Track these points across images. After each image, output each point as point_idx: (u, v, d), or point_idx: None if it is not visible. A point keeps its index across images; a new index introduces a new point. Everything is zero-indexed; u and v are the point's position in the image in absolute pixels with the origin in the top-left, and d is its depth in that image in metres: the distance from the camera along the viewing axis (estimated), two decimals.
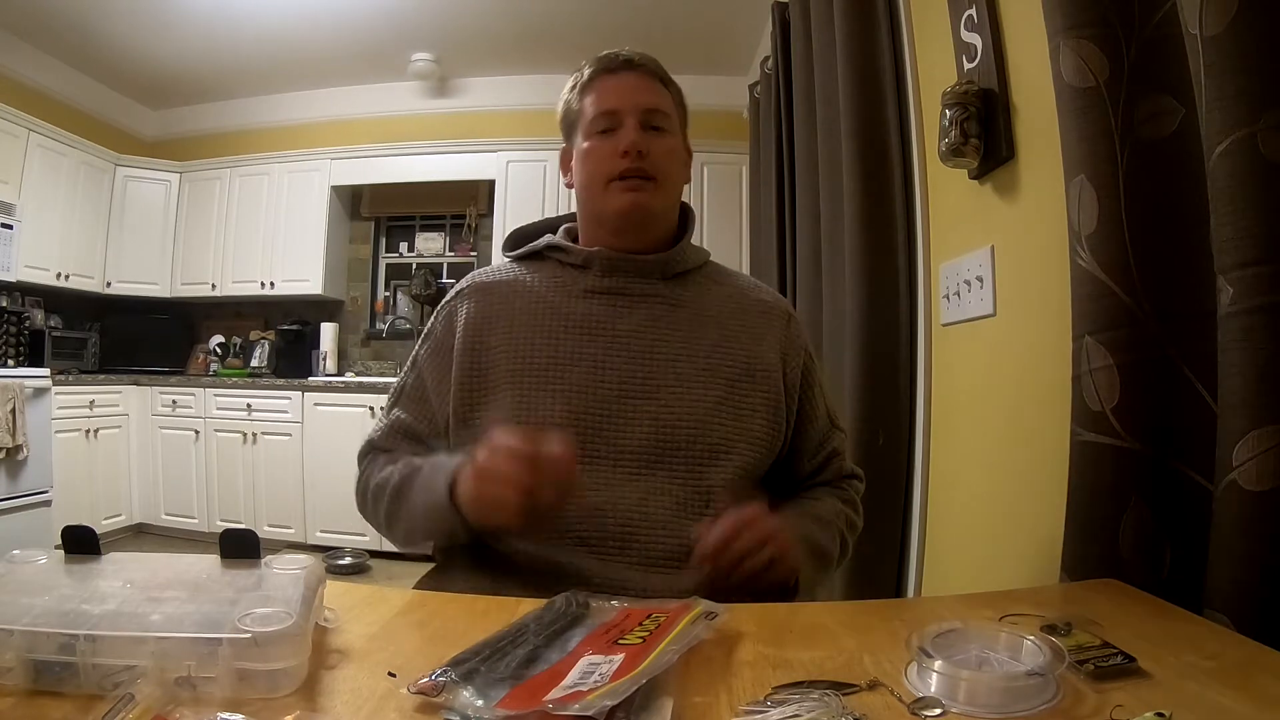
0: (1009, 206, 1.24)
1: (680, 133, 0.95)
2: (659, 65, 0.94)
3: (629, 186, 0.87)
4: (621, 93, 0.90)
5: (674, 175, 0.92)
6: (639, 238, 0.91)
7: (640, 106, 0.89)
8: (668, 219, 0.94)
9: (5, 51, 3.60)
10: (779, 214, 2.56)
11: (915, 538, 1.55)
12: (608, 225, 0.91)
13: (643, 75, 0.92)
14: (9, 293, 3.64)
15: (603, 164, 0.88)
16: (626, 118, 0.88)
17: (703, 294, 0.93)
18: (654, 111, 0.90)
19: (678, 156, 0.94)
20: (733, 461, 0.84)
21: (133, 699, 0.42)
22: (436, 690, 0.45)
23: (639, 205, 0.88)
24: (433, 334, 0.94)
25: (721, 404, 0.85)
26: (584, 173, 0.91)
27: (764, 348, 0.91)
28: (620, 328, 0.87)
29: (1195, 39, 0.68)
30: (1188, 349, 0.78)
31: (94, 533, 0.59)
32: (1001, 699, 0.45)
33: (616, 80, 0.91)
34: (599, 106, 0.90)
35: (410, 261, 4.44)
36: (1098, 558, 0.80)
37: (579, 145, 0.92)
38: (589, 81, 0.92)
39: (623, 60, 0.92)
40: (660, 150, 0.89)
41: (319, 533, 3.65)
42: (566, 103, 0.95)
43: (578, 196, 0.94)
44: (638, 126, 0.88)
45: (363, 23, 3.57)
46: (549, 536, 0.80)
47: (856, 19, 1.73)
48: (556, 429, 0.81)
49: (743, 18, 3.33)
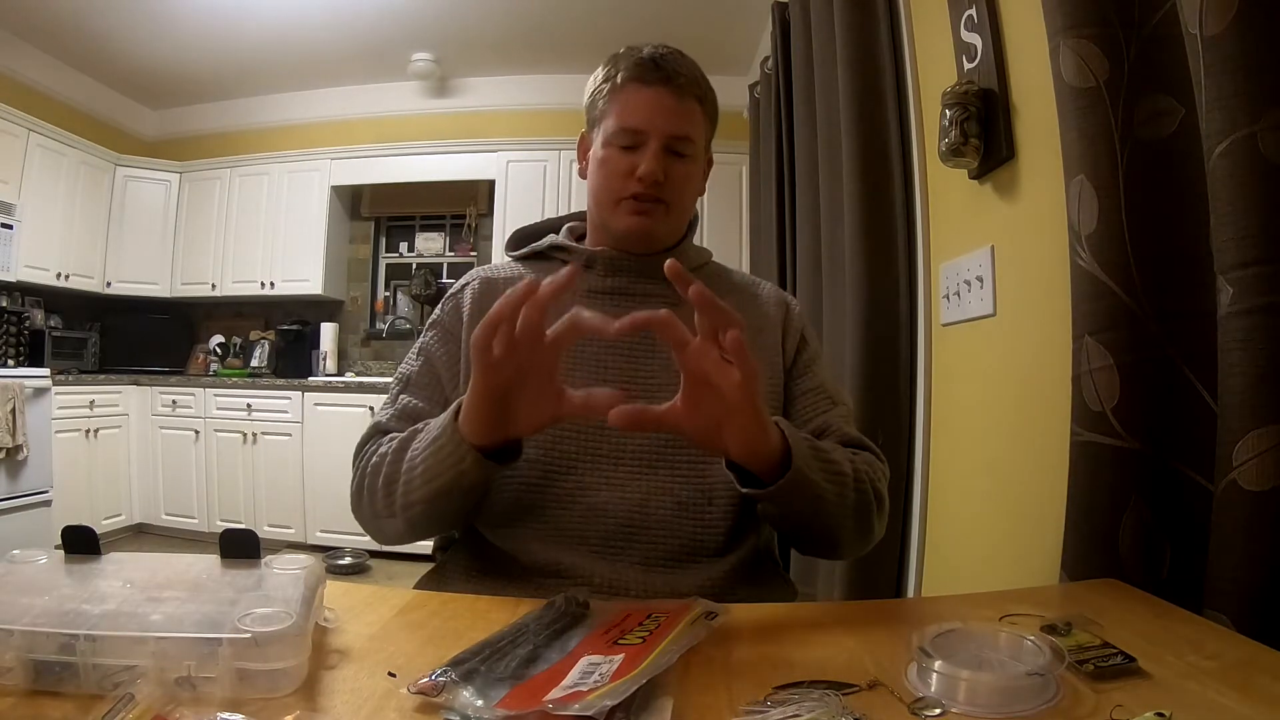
0: (1009, 206, 1.24)
1: (704, 154, 0.92)
2: (696, 77, 0.88)
3: (638, 210, 0.86)
4: (652, 112, 0.84)
5: (686, 200, 0.90)
6: (642, 251, 0.91)
7: (668, 131, 0.84)
8: (673, 235, 0.93)
9: (5, 51, 3.60)
10: (779, 214, 2.56)
11: (915, 538, 1.55)
12: (611, 237, 0.90)
13: (678, 95, 0.85)
14: (9, 293, 3.64)
15: (615, 179, 0.86)
16: (651, 139, 0.84)
17: None
18: (680, 139, 0.86)
19: (695, 181, 0.91)
20: None
21: (133, 699, 0.42)
22: (436, 690, 0.45)
23: (643, 229, 0.87)
24: (440, 322, 0.93)
25: None
26: (596, 180, 0.89)
27: (764, 336, 0.91)
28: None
29: (1195, 39, 0.68)
30: (1188, 349, 0.78)
31: (94, 533, 0.59)
32: (1001, 699, 0.45)
33: (649, 95, 0.85)
34: (624, 121, 0.85)
35: (410, 261, 4.44)
36: (1098, 558, 0.80)
37: (596, 149, 0.89)
38: (622, 86, 0.86)
39: (661, 74, 0.85)
40: (678, 176, 0.86)
41: (319, 533, 3.65)
42: (594, 95, 0.91)
43: (588, 197, 0.92)
44: (659, 153, 0.84)
45: (363, 23, 3.57)
46: (551, 534, 0.79)
47: (856, 19, 1.73)
48: (557, 429, 0.81)
49: (743, 18, 3.33)
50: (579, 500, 0.80)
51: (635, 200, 0.85)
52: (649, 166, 0.83)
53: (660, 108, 0.85)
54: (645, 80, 0.85)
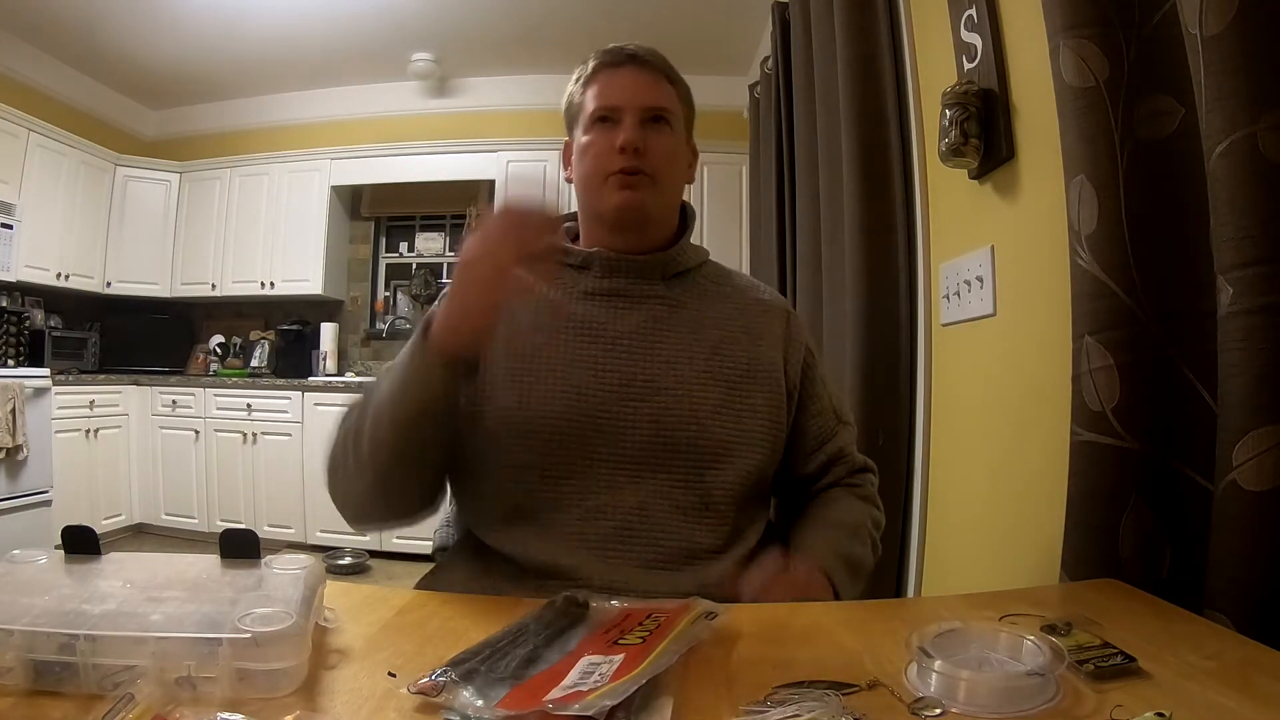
0: (1009, 206, 1.24)
1: (684, 132, 0.94)
2: (665, 61, 0.92)
3: (625, 183, 0.86)
4: (623, 88, 0.88)
5: (673, 174, 0.91)
6: (637, 237, 0.90)
7: (641, 103, 0.87)
8: (667, 219, 0.93)
9: (5, 51, 3.60)
10: (779, 214, 2.56)
11: (915, 538, 1.55)
12: (605, 222, 0.90)
13: (647, 71, 0.90)
14: (9, 293, 3.64)
15: (600, 159, 0.87)
16: (626, 114, 0.87)
17: (702, 295, 0.93)
18: (655, 109, 0.88)
19: (678, 155, 0.92)
20: (733, 465, 0.84)
21: (133, 699, 0.42)
22: (436, 690, 0.45)
23: (634, 203, 0.87)
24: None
25: (722, 407, 0.85)
26: (582, 167, 0.90)
27: (764, 347, 0.91)
28: (620, 329, 0.86)
29: (1195, 39, 0.68)
30: (1188, 349, 0.78)
31: (94, 533, 0.59)
32: (1001, 699, 0.45)
33: (619, 75, 0.89)
34: (599, 101, 0.88)
35: (410, 261, 4.44)
36: (1098, 558, 0.80)
37: (578, 139, 0.91)
38: (592, 75, 0.90)
39: (627, 55, 0.90)
40: (659, 148, 0.88)
41: (319, 533, 3.65)
42: (569, 95, 0.94)
43: (576, 193, 0.93)
44: (637, 123, 0.86)
45: (363, 23, 3.57)
46: (551, 536, 0.79)
47: (856, 19, 1.73)
48: (556, 431, 0.81)
49: (743, 18, 3.33)
50: (578, 504, 0.80)
51: (621, 175, 0.86)
52: (628, 135, 0.85)
53: (631, 83, 0.89)
54: (614, 63, 0.90)
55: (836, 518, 0.89)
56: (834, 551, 0.83)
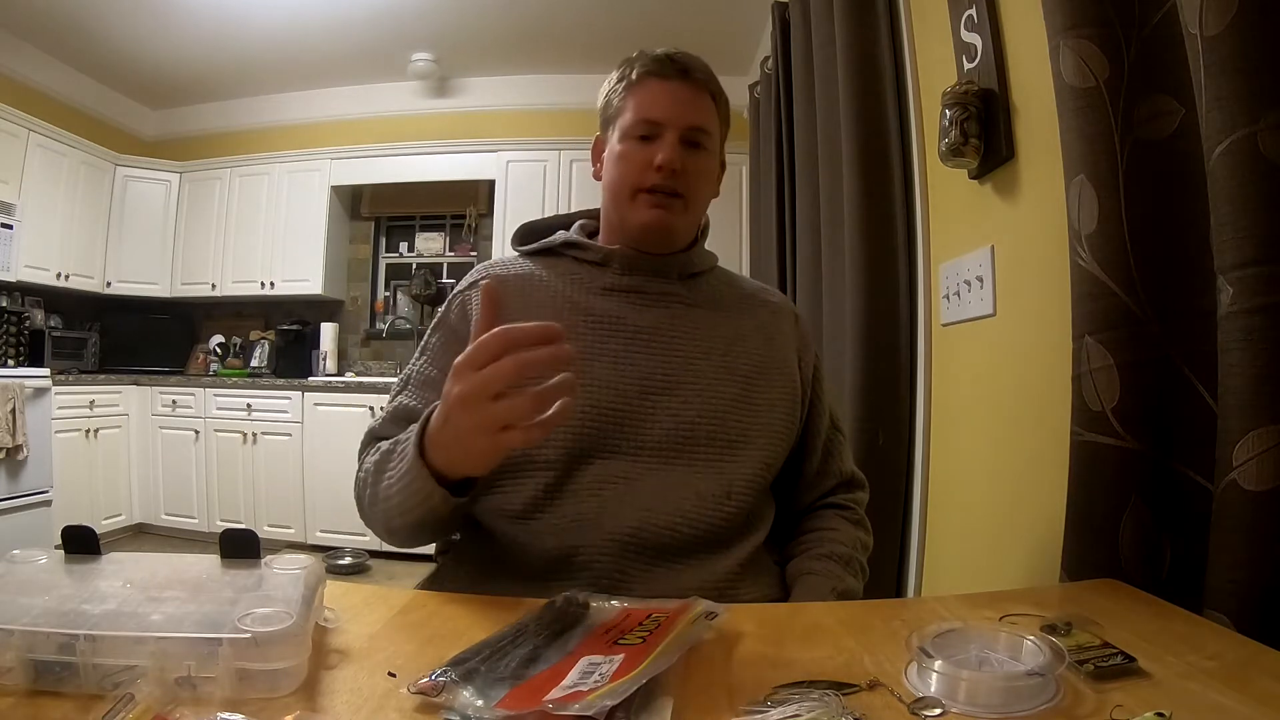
0: (1009, 206, 1.24)
1: (719, 150, 0.93)
2: (710, 74, 0.90)
3: (655, 202, 0.86)
4: (669, 103, 0.87)
5: (703, 195, 0.91)
6: (658, 250, 0.91)
7: (685, 123, 0.86)
8: (689, 234, 0.94)
9: (5, 51, 3.60)
10: (779, 214, 2.56)
11: (915, 538, 1.55)
12: (629, 235, 0.90)
13: (694, 89, 0.88)
14: (9, 293, 3.65)
15: (633, 172, 0.87)
16: (668, 131, 0.86)
17: (716, 294, 0.94)
18: (697, 130, 0.87)
19: (711, 175, 0.92)
20: (752, 455, 0.84)
21: (133, 699, 0.42)
22: (436, 690, 0.45)
23: (662, 223, 0.87)
24: (446, 323, 0.92)
25: (739, 400, 0.86)
26: (613, 175, 0.89)
27: (777, 345, 0.93)
28: (639, 324, 0.87)
29: (1195, 39, 0.68)
30: (1188, 349, 0.78)
31: (94, 533, 0.59)
32: (1001, 699, 0.45)
33: (666, 88, 0.87)
34: (642, 113, 0.87)
35: (410, 261, 4.44)
36: (1098, 558, 0.80)
37: (613, 145, 0.90)
38: (638, 82, 0.88)
39: (677, 69, 0.87)
40: (695, 169, 0.87)
41: (319, 533, 3.65)
42: (609, 95, 0.92)
43: (604, 196, 0.93)
44: (677, 142, 0.85)
45: (363, 23, 3.57)
46: (568, 524, 0.79)
47: (856, 19, 1.73)
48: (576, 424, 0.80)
49: (743, 18, 3.33)
50: (597, 493, 0.80)
51: (653, 193, 0.86)
52: (667, 155, 0.85)
53: (677, 99, 0.87)
54: (662, 74, 0.88)
55: (829, 549, 0.89)
56: (832, 589, 0.84)
